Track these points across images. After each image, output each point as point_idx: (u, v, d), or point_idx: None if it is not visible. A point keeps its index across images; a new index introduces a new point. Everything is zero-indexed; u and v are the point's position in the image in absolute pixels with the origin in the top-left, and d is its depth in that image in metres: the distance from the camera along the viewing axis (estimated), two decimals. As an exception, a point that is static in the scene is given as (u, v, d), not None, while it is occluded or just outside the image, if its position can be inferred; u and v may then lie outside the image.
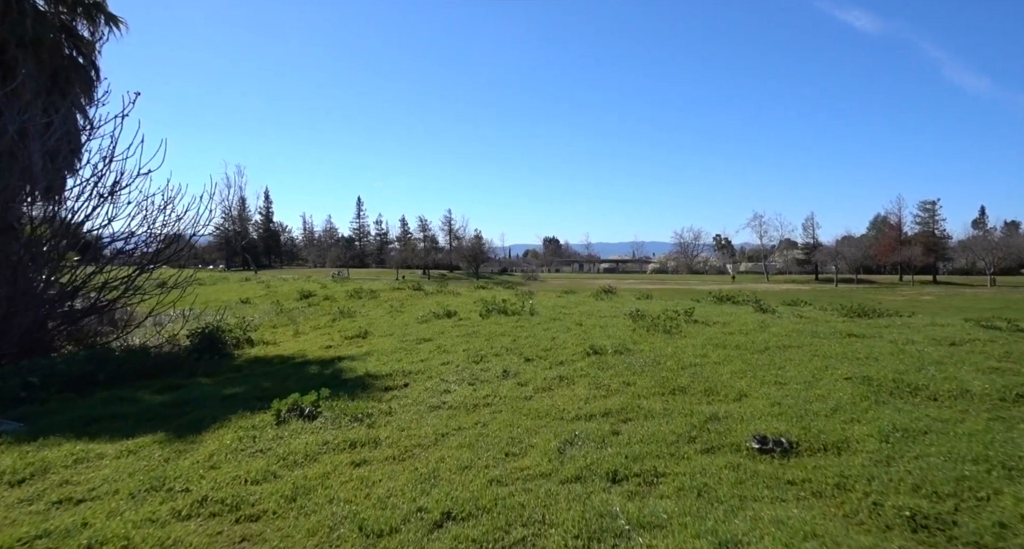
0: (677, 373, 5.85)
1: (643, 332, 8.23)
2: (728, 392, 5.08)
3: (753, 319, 8.88)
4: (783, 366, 5.80)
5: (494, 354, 7.84)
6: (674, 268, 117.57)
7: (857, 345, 6.45)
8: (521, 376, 6.53)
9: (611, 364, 6.52)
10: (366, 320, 13.06)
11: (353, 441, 4.54)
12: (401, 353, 8.61)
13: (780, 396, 4.81)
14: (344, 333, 11.30)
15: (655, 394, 5.29)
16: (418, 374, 7.07)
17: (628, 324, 8.97)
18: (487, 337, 9.19)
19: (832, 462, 3.44)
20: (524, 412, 5.12)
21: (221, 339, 10.51)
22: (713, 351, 6.69)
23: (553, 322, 10.17)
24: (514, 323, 10.32)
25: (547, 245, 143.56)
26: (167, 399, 6.59)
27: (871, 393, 4.58)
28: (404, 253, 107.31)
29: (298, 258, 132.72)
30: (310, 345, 10.77)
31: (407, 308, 14.64)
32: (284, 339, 12.15)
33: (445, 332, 10.16)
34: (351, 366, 7.92)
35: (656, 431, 4.23)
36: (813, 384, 5.05)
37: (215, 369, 8.88)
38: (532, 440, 4.35)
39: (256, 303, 19.73)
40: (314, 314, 15.27)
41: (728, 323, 8.66)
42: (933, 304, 48.53)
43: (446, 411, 5.40)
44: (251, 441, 4.65)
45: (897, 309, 9.73)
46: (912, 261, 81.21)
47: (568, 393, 5.66)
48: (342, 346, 10.28)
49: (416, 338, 9.76)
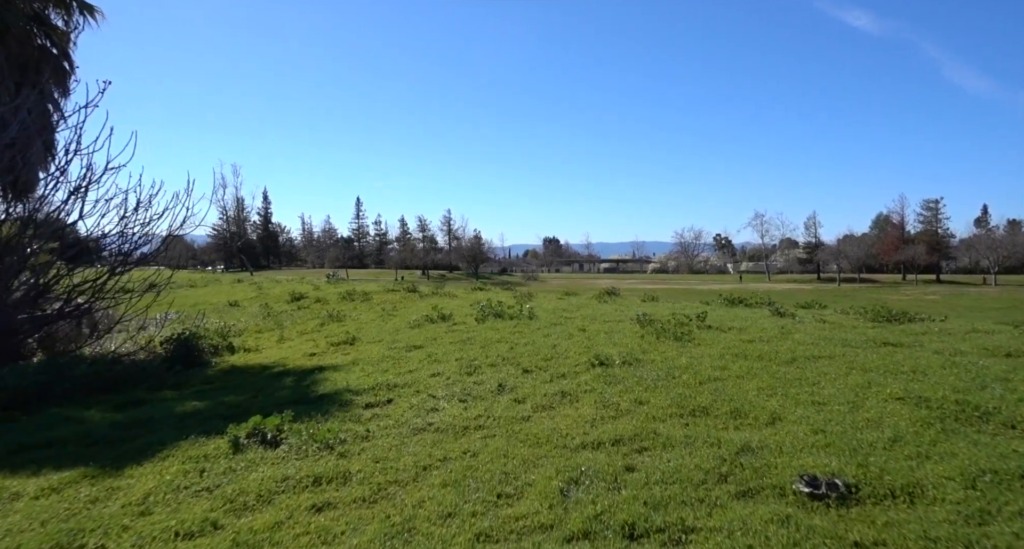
0: (695, 389, 5.14)
1: (652, 339, 7.52)
2: (758, 414, 4.36)
3: (772, 324, 8.16)
4: (817, 381, 5.08)
5: (489, 364, 7.13)
6: (675, 268, 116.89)
7: (897, 356, 5.72)
8: (518, 391, 5.82)
9: (619, 377, 5.80)
10: (355, 324, 12.34)
11: (319, 476, 3.83)
12: (388, 362, 7.90)
13: (821, 420, 4.09)
14: (331, 339, 10.58)
15: (672, 416, 4.57)
16: (404, 388, 6.36)
17: (635, 330, 8.26)
18: (482, 344, 8.48)
19: (907, 516, 2.72)
20: (521, 437, 4.41)
21: (198, 347, 9.81)
22: (734, 362, 5.97)
23: (553, 327, 9.46)
24: (512, 328, 9.60)
25: (547, 245, 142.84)
26: (121, 418, 5.88)
27: (933, 419, 3.86)
28: (403, 254, 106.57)
29: (297, 259, 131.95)
30: (293, 352, 10.06)
31: (400, 311, 13.93)
32: (268, 345, 11.44)
33: (438, 338, 9.45)
34: (332, 378, 7.21)
35: (679, 467, 3.52)
36: (859, 405, 4.34)
37: (186, 380, 8.17)
38: (529, 476, 3.64)
39: (245, 306, 19.01)
40: (303, 318, 14.56)
41: (745, 329, 7.95)
42: (940, 304, 47.83)
43: (431, 435, 4.69)
44: (198, 475, 3.94)
45: (922, 312, 9.02)
46: (915, 260, 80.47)
47: (571, 413, 4.95)
48: (327, 354, 9.57)
49: (406, 345, 9.05)
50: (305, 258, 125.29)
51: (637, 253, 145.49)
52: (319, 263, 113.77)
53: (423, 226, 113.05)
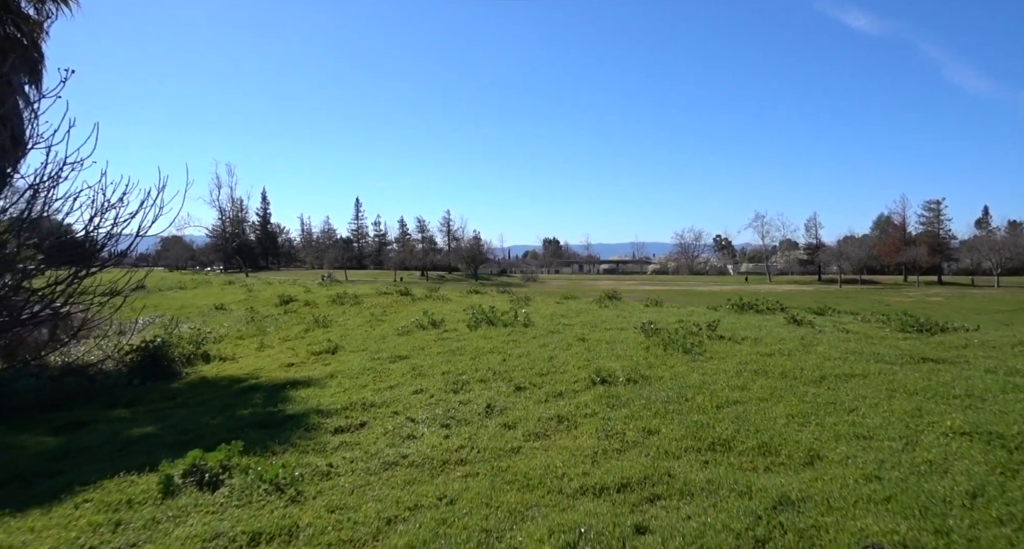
0: (713, 416, 4.42)
1: (659, 351, 6.81)
2: (791, 450, 3.65)
3: (790, 334, 7.45)
4: (855, 407, 4.37)
5: (478, 379, 6.42)
6: (675, 269, 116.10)
7: (944, 376, 5.01)
8: (509, 414, 5.10)
9: (624, 399, 5.09)
10: (341, 331, 11.63)
11: (258, 532, 3.11)
12: (369, 376, 7.19)
13: (872, 461, 3.37)
14: (313, 347, 9.88)
15: (688, 450, 3.86)
16: (381, 408, 5.65)
17: (639, 340, 7.55)
18: (473, 355, 7.77)
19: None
20: (509, 477, 3.70)
21: (167, 356, 9.09)
22: (754, 381, 5.26)
23: (551, 336, 8.75)
24: (505, 336, 8.89)
25: (547, 246, 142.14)
26: (55, 445, 5.16)
27: (1016, 463, 3.15)
28: (402, 254, 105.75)
29: (296, 260, 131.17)
30: (270, 362, 9.35)
31: (389, 316, 13.23)
32: (246, 353, 10.73)
33: (425, 348, 8.74)
34: (304, 395, 6.49)
35: (702, 527, 2.80)
36: (914, 441, 3.62)
37: (147, 395, 7.46)
38: (516, 536, 2.92)
39: (231, 309, 18.31)
40: (288, 323, 13.84)
41: (760, 339, 7.24)
42: (943, 305, 47.10)
43: (404, 471, 3.97)
44: (111, 531, 3.22)
45: (953, 320, 8.31)
46: (917, 261, 79.73)
47: (569, 444, 4.24)
48: (306, 364, 8.86)
49: (390, 355, 8.34)
50: (304, 259, 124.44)
51: (637, 254, 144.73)
52: (318, 264, 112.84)
53: (422, 227, 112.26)
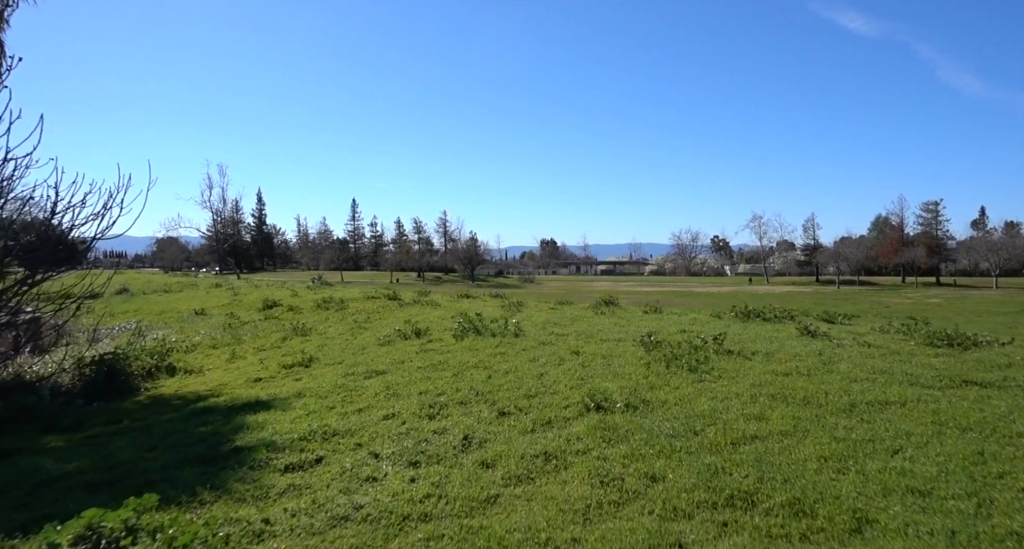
0: (729, 457, 3.70)
1: (661, 369, 6.08)
2: (832, 510, 2.93)
3: (804, 348, 6.73)
4: (900, 448, 3.65)
5: (458, 401, 5.70)
6: (672, 270, 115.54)
7: (997, 405, 4.29)
8: (489, 447, 4.38)
9: (622, 431, 4.36)
10: (320, 340, 10.88)
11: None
12: (338, 395, 6.46)
13: (940, 532, 2.65)
14: (286, 359, 9.11)
15: (702, 506, 3.13)
16: (345, 438, 4.91)
17: (639, 355, 6.82)
18: (456, 370, 7.04)
19: None
20: (480, 544, 2.97)
21: (124, 371, 8.32)
22: (772, 408, 4.54)
23: (542, 347, 8.02)
24: (493, 348, 8.17)
25: (544, 247, 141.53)
26: (-45, 486, 4.40)
27: None
28: (399, 256, 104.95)
29: (292, 261, 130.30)
30: (238, 377, 8.59)
31: (373, 323, 12.48)
32: (215, 365, 9.96)
33: (406, 361, 8.01)
34: (262, 420, 5.75)
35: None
36: (986, 501, 2.90)
37: (92, 417, 6.70)
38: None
39: (212, 314, 17.51)
40: (267, 330, 13.07)
41: (772, 354, 6.52)
42: (944, 307, 46.56)
43: (353, 531, 3.25)
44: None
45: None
46: (916, 262, 79.28)
47: (557, 492, 3.51)
48: (275, 379, 8.11)
49: (367, 370, 7.61)
50: (300, 260, 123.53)
51: (634, 255, 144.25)
52: (314, 265, 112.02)
53: (419, 228, 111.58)
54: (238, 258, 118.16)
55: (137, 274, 42.28)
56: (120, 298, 25.01)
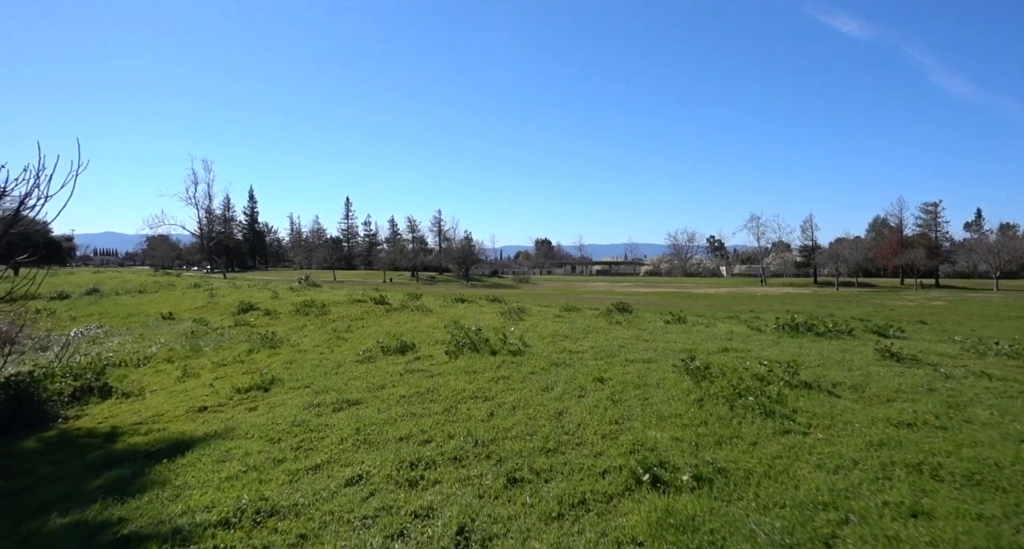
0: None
1: (721, 409, 4.57)
2: None
3: (901, 379, 5.23)
4: None
5: (450, 456, 4.16)
6: (668, 270, 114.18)
7: None
8: (495, 551, 2.85)
9: (703, 535, 2.83)
10: (290, 354, 9.30)
11: None
12: (294, 439, 4.91)
13: None
14: (243, 381, 7.54)
15: None
16: (285, 520, 3.37)
17: (684, 387, 5.30)
18: (447, 404, 5.51)
19: None
20: None
21: (37, 396, 6.72)
22: (929, 493, 3.02)
23: (555, 370, 6.50)
24: (494, 370, 6.64)
25: (539, 247, 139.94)
26: None
27: None
28: (393, 255, 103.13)
29: (285, 259, 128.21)
30: (180, 403, 7.00)
31: (355, 332, 10.91)
32: (161, 385, 8.36)
33: (386, 386, 6.48)
34: (180, 483, 4.18)
35: None
36: None
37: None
38: None
39: (180, 319, 15.86)
40: (234, 339, 11.47)
41: (862, 388, 5.01)
42: (951, 310, 45.32)
43: None
44: None
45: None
46: (915, 264, 78.31)
47: None
48: (224, 408, 6.54)
49: (337, 399, 6.06)
50: (293, 259, 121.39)
51: (630, 255, 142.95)
52: (306, 264, 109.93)
53: (413, 227, 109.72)
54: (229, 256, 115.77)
55: (116, 273, 40.38)
56: (89, 299, 23.25)
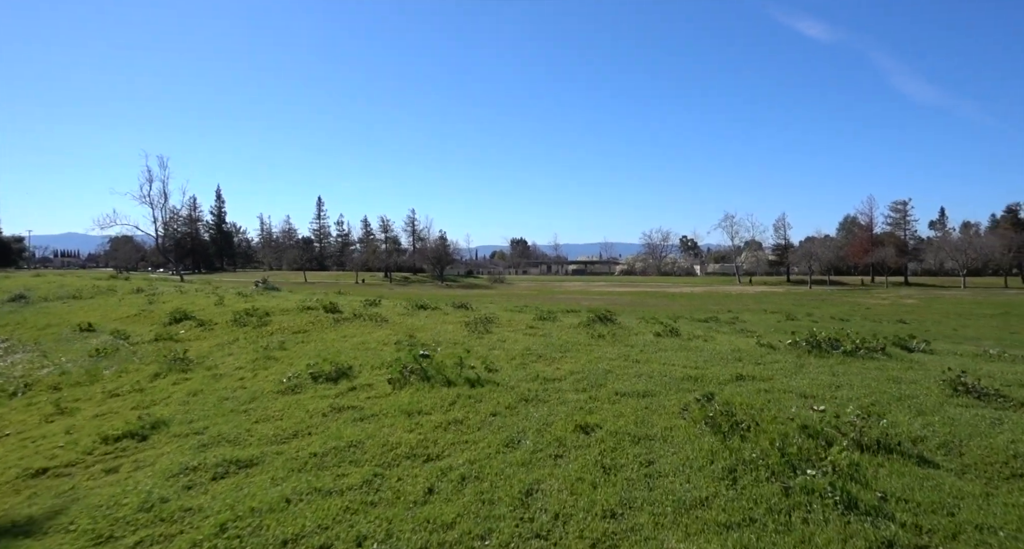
0: None
1: (769, 492, 3.04)
2: None
3: (1007, 434, 3.81)
4: None
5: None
6: (643, 269, 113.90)
7: None
8: None
9: None
10: (201, 381, 7.51)
11: None
12: (128, 539, 3.23)
13: None
14: (115, 426, 5.73)
15: None
16: None
17: (703, 443, 3.77)
18: (373, 467, 3.89)
19: None
20: None
21: None
22: None
23: (524, 409, 4.92)
24: (444, 411, 5.03)
25: (514, 246, 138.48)
26: None
27: None
28: (365, 255, 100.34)
29: (254, 260, 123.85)
30: (20, 460, 5.19)
31: (290, 350, 9.16)
32: (21, 427, 6.51)
33: (299, 434, 4.82)
34: None
35: None
36: None
37: None
38: None
39: (100, 331, 13.79)
40: (144, 359, 9.59)
41: (955, 447, 3.56)
42: (924, 309, 45.32)
43: None
44: None
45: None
46: (886, 262, 79.25)
47: None
48: (75, 469, 4.79)
49: (224, 459, 4.38)
50: (262, 259, 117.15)
51: (605, 254, 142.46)
52: (276, 265, 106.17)
53: (386, 227, 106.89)
54: (195, 257, 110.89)
55: (58, 275, 37.17)
56: (10, 308, 20.76)
